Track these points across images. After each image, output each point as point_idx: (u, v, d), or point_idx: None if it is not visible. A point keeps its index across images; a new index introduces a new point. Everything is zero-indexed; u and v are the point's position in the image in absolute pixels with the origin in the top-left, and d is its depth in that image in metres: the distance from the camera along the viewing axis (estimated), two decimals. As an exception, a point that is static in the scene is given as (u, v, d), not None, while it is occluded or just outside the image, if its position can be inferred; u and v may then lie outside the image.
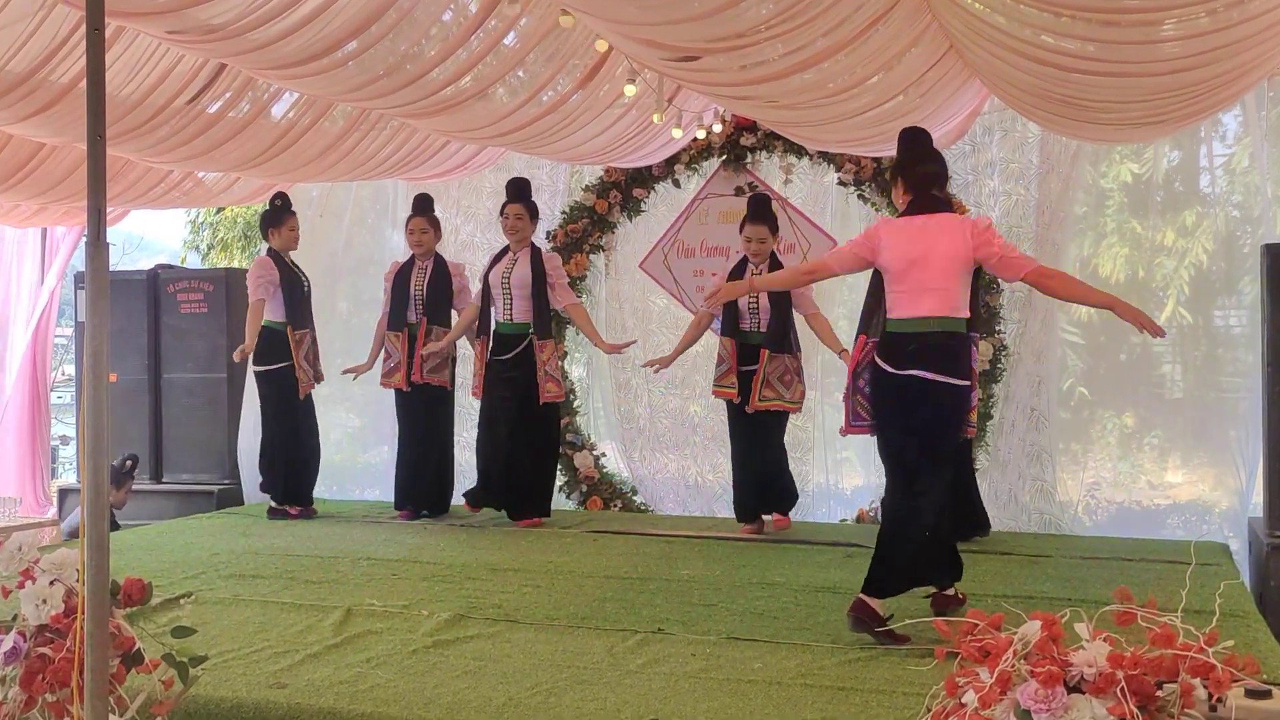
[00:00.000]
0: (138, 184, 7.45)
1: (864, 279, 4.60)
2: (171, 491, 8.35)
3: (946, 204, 4.48)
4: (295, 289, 7.13)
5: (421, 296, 7.10)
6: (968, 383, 4.27)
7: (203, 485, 8.33)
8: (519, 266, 6.69)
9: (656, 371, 6.91)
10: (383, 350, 7.23)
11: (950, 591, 4.51)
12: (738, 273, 6.40)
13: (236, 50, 5.00)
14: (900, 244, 4.27)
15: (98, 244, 2.57)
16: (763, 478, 6.49)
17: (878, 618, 4.13)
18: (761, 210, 6.38)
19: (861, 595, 4.20)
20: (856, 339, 4.48)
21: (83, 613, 2.66)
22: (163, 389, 8.50)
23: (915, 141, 4.48)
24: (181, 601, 3.19)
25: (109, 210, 3.67)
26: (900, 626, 4.12)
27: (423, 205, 7.18)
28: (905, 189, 4.41)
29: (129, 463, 7.68)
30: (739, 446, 6.51)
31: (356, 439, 9.22)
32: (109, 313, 2.61)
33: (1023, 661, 2.43)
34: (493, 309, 6.82)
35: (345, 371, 7.41)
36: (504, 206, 6.82)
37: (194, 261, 10.22)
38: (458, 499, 7.26)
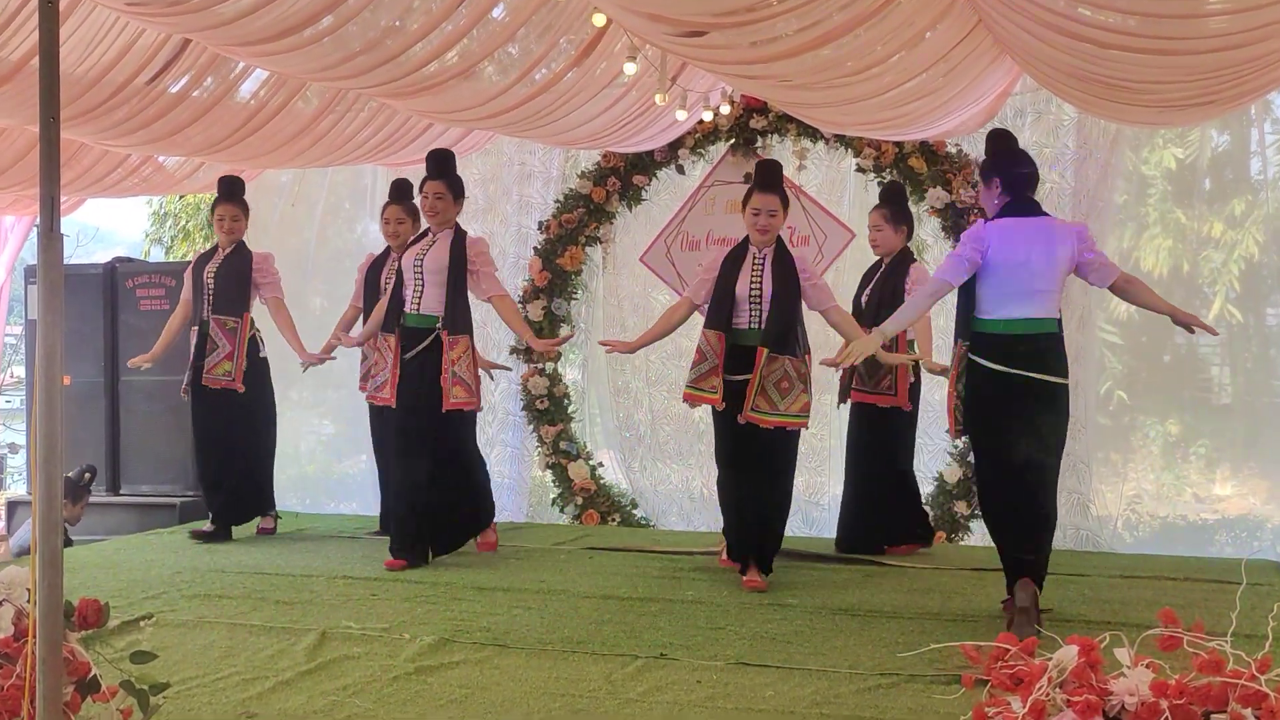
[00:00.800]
0: (93, 169, 7.45)
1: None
2: (130, 504, 8.34)
3: (1039, 206, 4.96)
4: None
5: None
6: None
7: (164, 497, 8.32)
8: (436, 250, 6.20)
9: (609, 352, 6.63)
10: (362, 355, 7.02)
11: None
12: (738, 256, 5.61)
13: (202, 25, 5.01)
14: (1007, 246, 4.73)
15: (51, 235, 2.58)
16: (746, 516, 5.62)
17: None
18: (771, 177, 5.59)
19: (1034, 585, 4.67)
20: (957, 344, 4.92)
21: (34, 636, 2.66)
22: (120, 393, 8.50)
23: (1008, 142, 5.04)
24: (141, 624, 3.20)
25: (63, 199, 3.68)
26: (924, 651, 4.12)
27: (400, 192, 7.05)
28: (1002, 190, 4.89)
29: (87, 475, 7.68)
30: (727, 472, 5.67)
31: (330, 447, 9.22)
32: (63, 310, 2.61)
33: (1058, 690, 2.44)
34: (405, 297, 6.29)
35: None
36: (422, 183, 6.38)
37: (157, 256, 10.21)
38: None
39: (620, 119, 7.05)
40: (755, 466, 5.47)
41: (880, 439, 6.36)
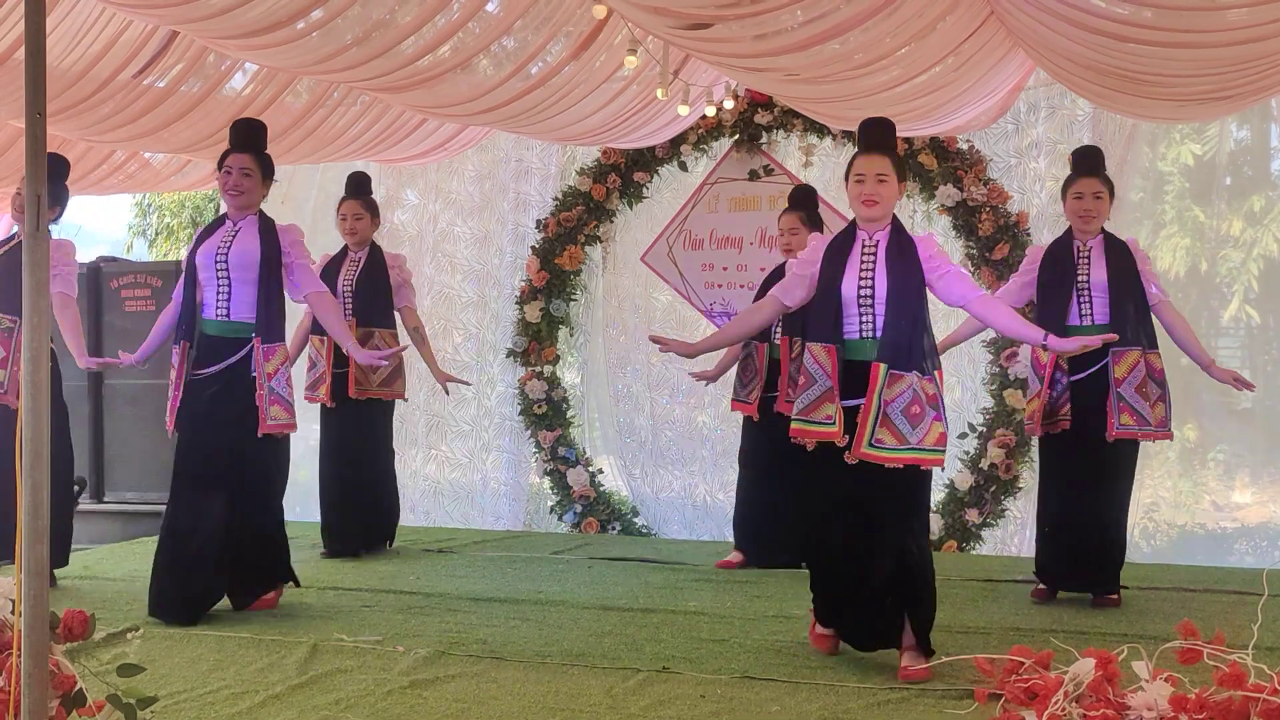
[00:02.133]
0: (78, 165, 7.43)
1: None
2: (114, 512, 8.35)
3: None
4: None
5: (351, 293, 6.77)
6: None
7: (149, 505, 8.30)
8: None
9: (663, 350, 5.09)
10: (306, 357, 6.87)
11: None
12: (843, 244, 4.50)
13: (189, 17, 5.02)
14: None
15: (37, 234, 2.59)
16: (872, 581, 4.32)
17: None
18: (878, 136, 4.56)
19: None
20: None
21: (18, 648, 2.66)
22: (104, 397, 8.50)
23: None
24: (128, 636, 3.20)
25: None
26: (937, 664, 4.12)
27: (357, 186, 6.90)
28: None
29: (75, 487, 7.65)
30: (826, 526, 4.46)
31: (319, 454, 9.19)
32: (49, 311, 2.62)
33: (1075, 704, 2.44)
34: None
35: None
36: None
37: (140, 249, 10.21)
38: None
39: (621, 114, 7.06)
40: (875, 517, 4.30)
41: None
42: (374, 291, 6.81)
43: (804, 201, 6.42)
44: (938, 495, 7.50)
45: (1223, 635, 2.50)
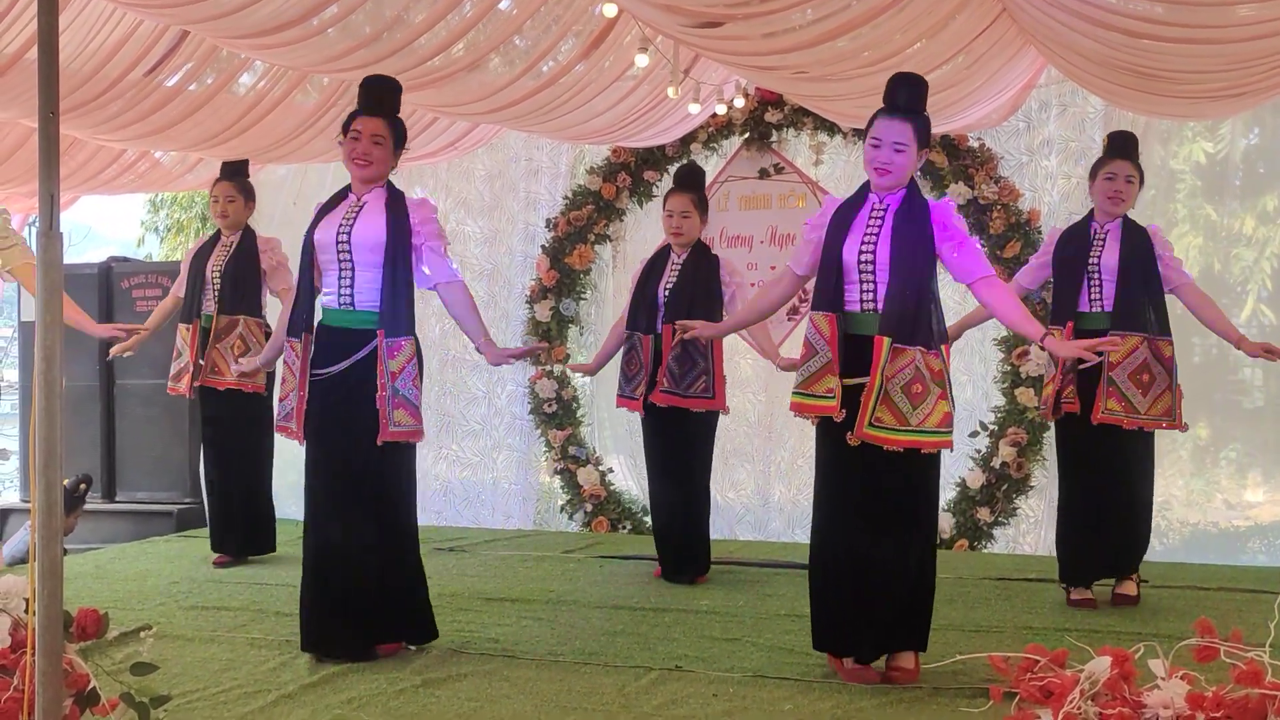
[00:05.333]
0: (87, 165, 7.48)
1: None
2: (125, 512, 8.35)
3: None
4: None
5: (216, 279, 6.45)
6: None
7: (161, 505, 8.33)
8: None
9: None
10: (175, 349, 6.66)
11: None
12: (853, 206, 4.23)
13: (201, 16, 5.03)
14: None
15: (50, 234, 2.59)
16: (873, 582, 4.08)
17: None
18: (901, 95, 4.21)
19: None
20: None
21: (33, 647, 2.67)
22: (116, 397, 8.51)
23: None
24: (141, 635, 3.20)
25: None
26: (949, 663, 4.08)
27: (232, 169, 6.62)
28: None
29: (82, 485, 7.67)
30: (834, 520, 4.15)
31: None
32: (62, 310, 2.62)
33: (1090, 703, 2.43)
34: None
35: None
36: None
37: (151, 244, 10.21)
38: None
39: (631, 112, 7.06)
40: (878, 509, 4.05)
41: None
42: (243, 278, 6.46)
43: (695, 182, 6.13)
44: (949, 494, 7.49)
45: (1239, 633, 2.49)
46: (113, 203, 10.64)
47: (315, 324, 4.56)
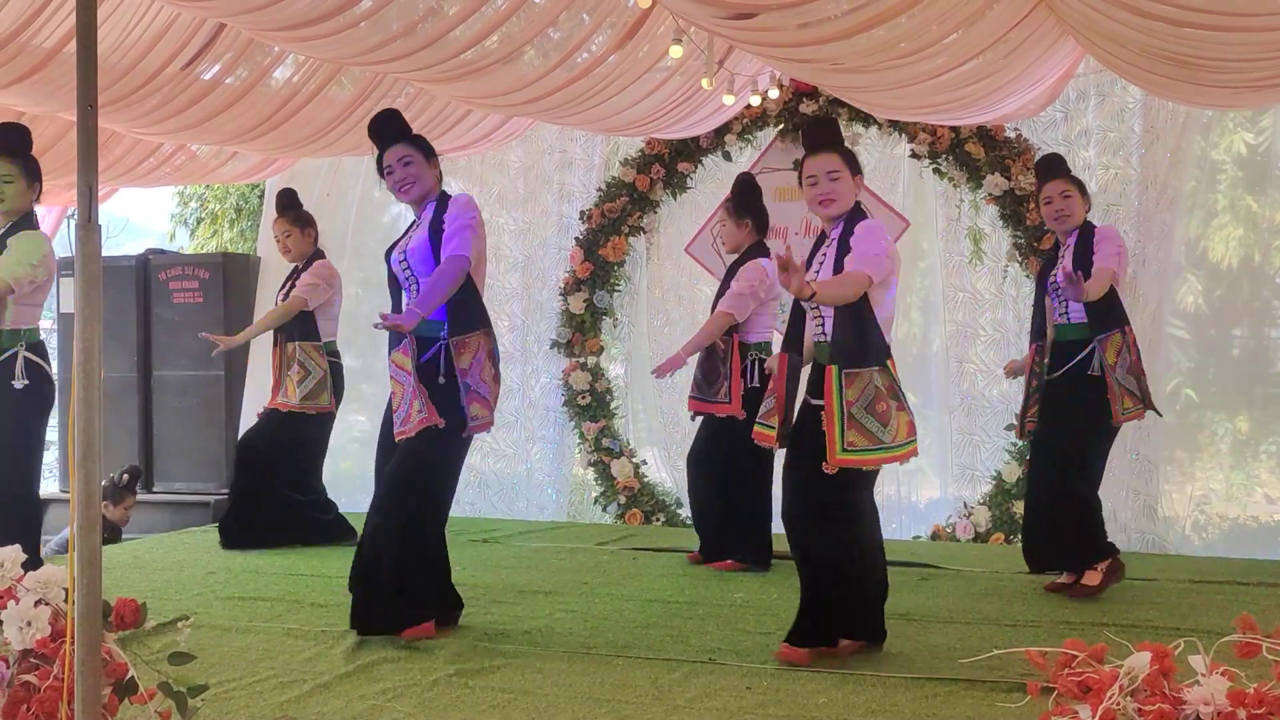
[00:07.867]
0: (125, 158, 7.54)
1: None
2: (163, 502, 8.43)
3: None
4: None
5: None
6: None
7: (198, 495, 8.40)
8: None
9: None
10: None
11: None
12: (820, 240, 4.56)
13: (237, 8, 5.05)
14: None
15: (89, 226, 2.60)
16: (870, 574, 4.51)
17: None
18: (824, 135, 4.56)
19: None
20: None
21: (72, 637, 2.69)
22: (153, 388, 8.59)
23: None
24: (179, 625, 3.22)
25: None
26: (985, 657, 4.09)
27: (283, 203, 6.74)
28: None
29: (127, 476, 7.74)
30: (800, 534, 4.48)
31: (368, 443, 9.25)
32: (101, 303, 2.64)
33: (1129, 699, 2.41)
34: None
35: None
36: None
37: (183, 238, 10.27)
38: None
39: (665, 104, 7.05)
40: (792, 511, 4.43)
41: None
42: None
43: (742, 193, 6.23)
44: (984, 488, 7.45)
45: (1281, 629, 2.46)
46: (148, 195, 10.70)
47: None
